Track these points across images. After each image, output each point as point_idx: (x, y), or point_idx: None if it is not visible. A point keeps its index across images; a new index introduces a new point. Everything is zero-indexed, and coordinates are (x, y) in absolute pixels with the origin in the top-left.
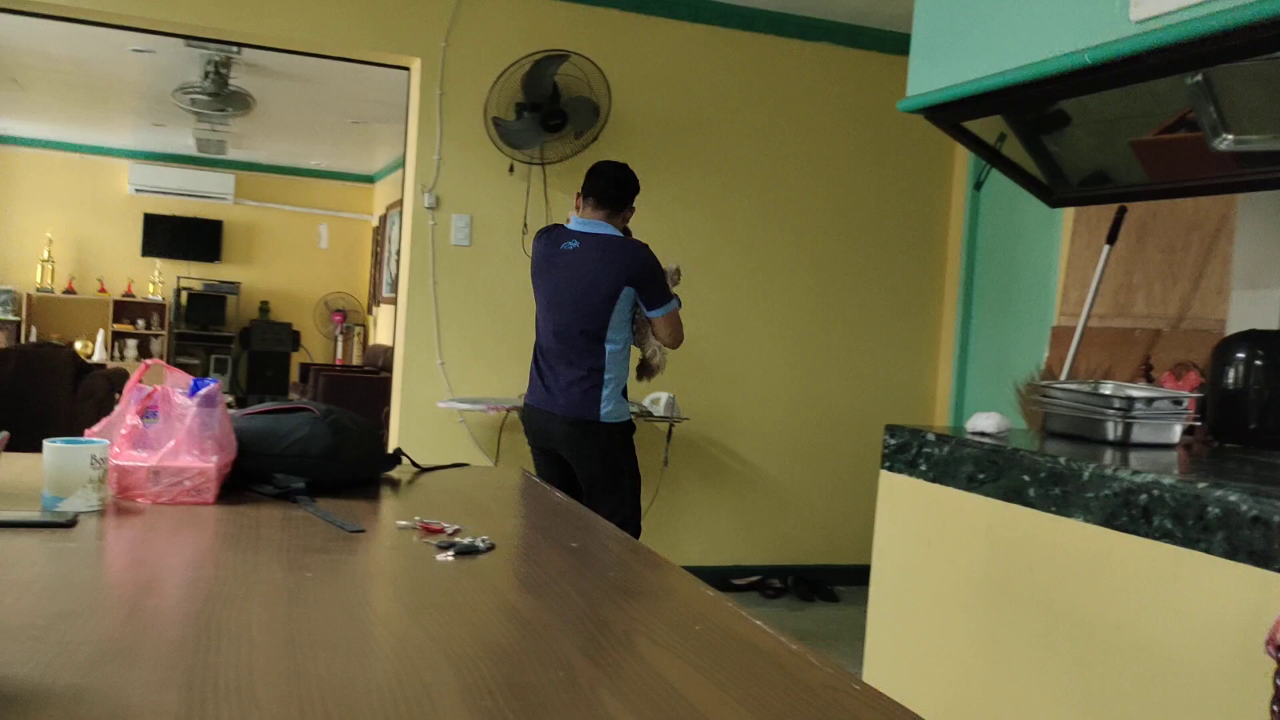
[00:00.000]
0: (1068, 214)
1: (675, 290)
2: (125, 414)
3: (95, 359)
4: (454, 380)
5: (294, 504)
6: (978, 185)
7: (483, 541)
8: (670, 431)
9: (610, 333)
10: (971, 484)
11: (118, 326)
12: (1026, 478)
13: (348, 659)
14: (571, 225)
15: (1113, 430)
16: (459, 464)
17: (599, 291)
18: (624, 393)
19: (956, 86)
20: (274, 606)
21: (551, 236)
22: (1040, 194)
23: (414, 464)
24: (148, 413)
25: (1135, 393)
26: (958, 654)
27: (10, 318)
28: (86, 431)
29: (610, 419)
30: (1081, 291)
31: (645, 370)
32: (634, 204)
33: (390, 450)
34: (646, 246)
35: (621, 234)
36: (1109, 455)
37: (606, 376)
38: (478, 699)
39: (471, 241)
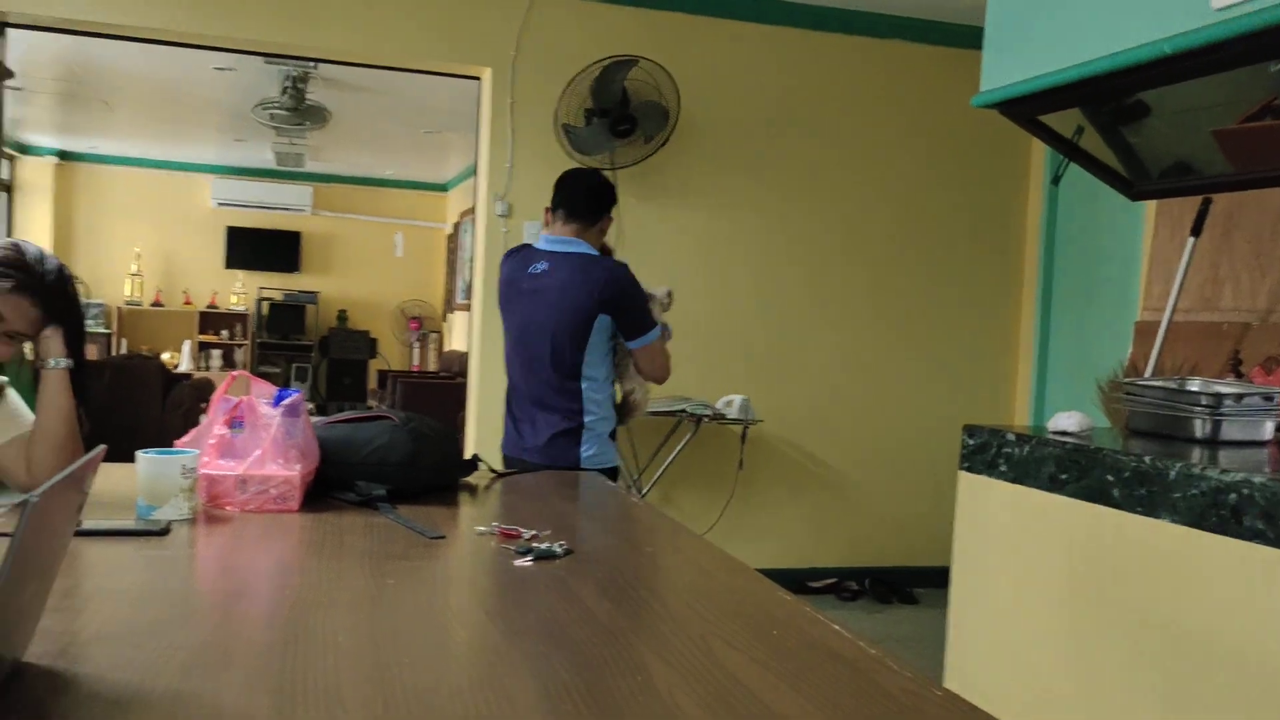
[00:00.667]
0: (1150, 206)
1: (665, 316)
2: (213, 424)
3: (182, 369)
4: None
5: (375, 511)
6: (1055, 180)
7: (560, 547)
8: (744, 434)
9: (587, 369)
10: (1054, 485)
11: (203, 337)
12: (1111, 478)
13: (430, 664)
14: (540, 244)
15: (1200, 428)
16: (535, 469)
17: (573, 320)
18: (612, 434)
19: (1032, 80)
20: (358, 612)
21: (519, 258)
22: (1121, 187)
23: (491, 469)
24: (234, 423)
25: (1223, 389)
26: (1042, 659)
27: (101, 330)
28: (176, 442)
29: (591, 465)
30: (1165, 285)
31: (623, 410)
32: (612, 216)
33: (467, 456)
34: (624, 265)
35: (599, 252)
36: (1197, 454)
37: (587, 419)
38: (557, 703)
39: None
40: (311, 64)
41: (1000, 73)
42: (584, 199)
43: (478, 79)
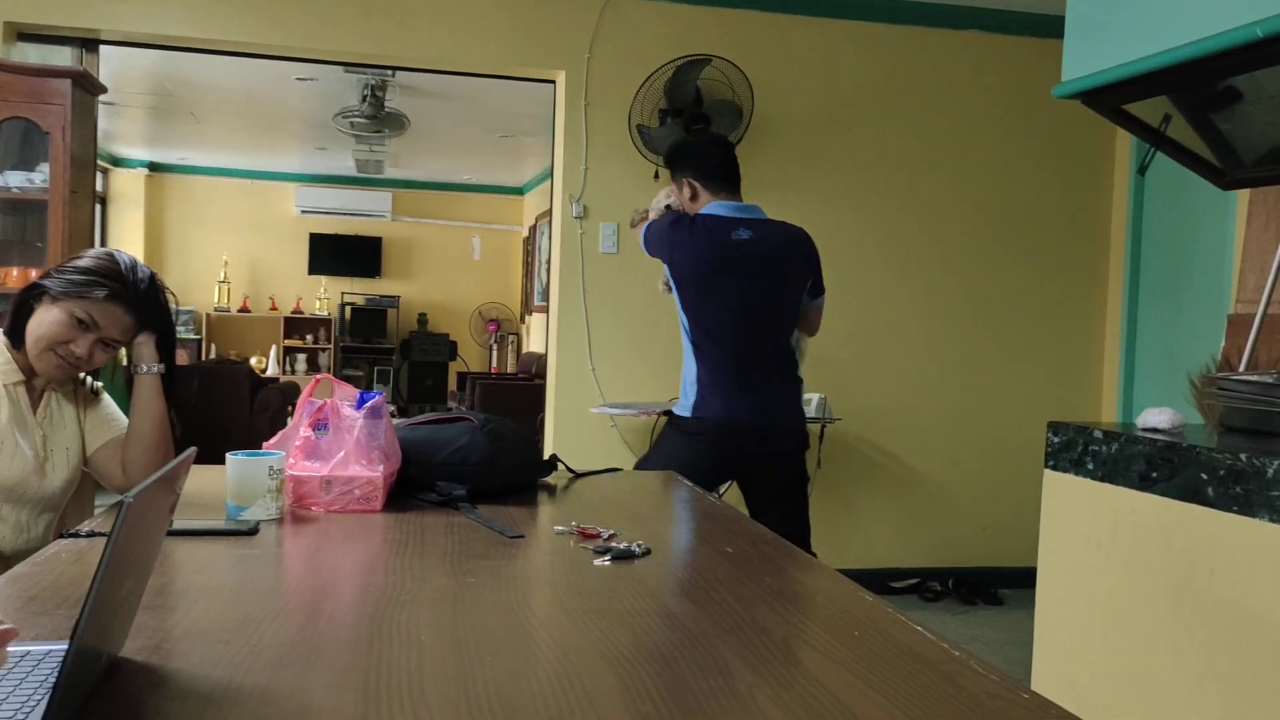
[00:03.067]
0: (1242, 195)
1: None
2: (298, 427)
3: (268, 374)
4: (606, 386)
5: (456, 510)
6: (1142, 170)
7: (638, 546)
8: (822, 432)
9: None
10: (1144, 483)
11: (288, 342)
12: (1204, 476)
13: (512, 663)
14: (724, 212)
15: None
16: (613, 469)
17: (798, 288)
18: None
19: (1116, 68)
20: (440, 611)
21: (709, 228)
22: (1211, 176)
23: (569, 469)
24: (319, 425)
25: None
26: (1134, 662)
27: (192, 337)
28: (264, 444)
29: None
30: (1260, 277)
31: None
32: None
33: (545, 456)
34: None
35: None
36: None
37: (800, 376)
38: (639, 704)
39: (619, 249)
40: (390, 72)
41: (1083, 61)
42: (735, 165)
43: (552, 82)
